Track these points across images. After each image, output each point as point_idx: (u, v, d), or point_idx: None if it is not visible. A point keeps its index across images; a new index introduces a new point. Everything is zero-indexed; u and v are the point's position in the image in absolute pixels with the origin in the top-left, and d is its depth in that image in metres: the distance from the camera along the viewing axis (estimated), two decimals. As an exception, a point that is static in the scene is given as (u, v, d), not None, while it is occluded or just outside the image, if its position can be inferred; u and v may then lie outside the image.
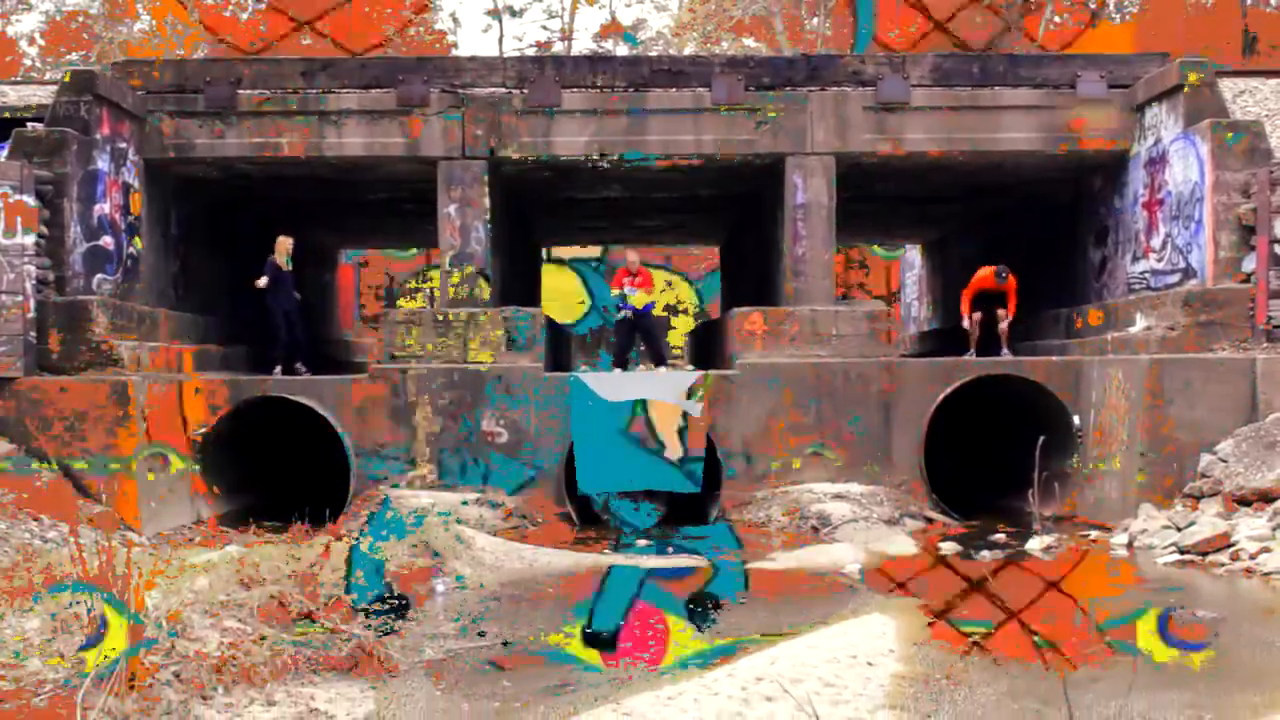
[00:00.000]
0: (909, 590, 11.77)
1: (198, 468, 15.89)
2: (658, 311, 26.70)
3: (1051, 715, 7.19)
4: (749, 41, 40.99)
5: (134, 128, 17.42)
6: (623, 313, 18.91)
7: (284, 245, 18.48)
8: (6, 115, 18.61)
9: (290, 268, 18.57)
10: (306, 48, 37.12)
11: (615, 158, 18.11)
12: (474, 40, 67.96)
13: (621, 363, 19.31)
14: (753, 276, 21.88)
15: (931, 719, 7.28)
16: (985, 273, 19.19)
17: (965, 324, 19.12)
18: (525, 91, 17.98)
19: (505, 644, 9.44)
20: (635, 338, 19.71)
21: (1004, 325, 18.84)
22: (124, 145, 17.08)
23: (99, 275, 16.17)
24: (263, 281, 18.12)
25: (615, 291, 19.06)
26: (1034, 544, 13.92)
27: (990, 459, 18.07)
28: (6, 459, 13.95)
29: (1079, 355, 17.45)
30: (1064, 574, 12.75)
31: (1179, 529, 13.20)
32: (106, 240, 16.38)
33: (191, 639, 7.64)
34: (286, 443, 17.75)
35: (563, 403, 16.56)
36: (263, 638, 8.04)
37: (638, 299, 18.78)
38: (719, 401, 16.63)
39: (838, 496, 15.71)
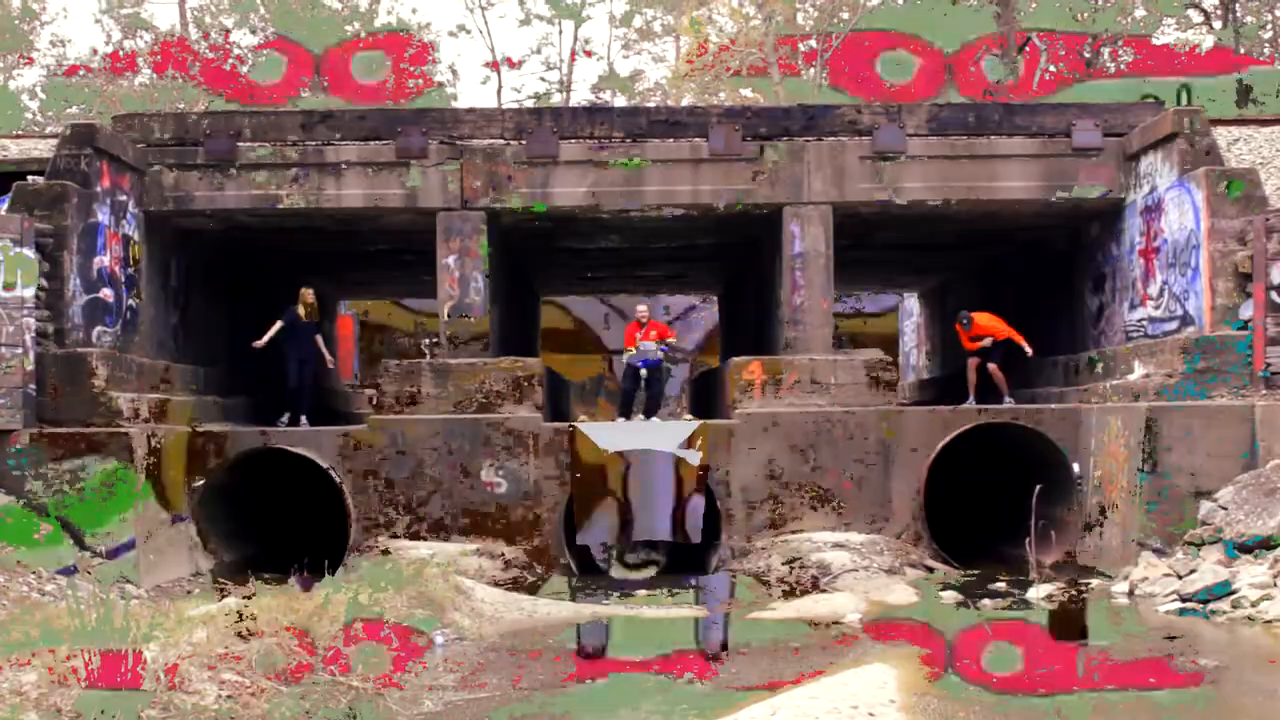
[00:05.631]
0: (910, 640, 11.72)
1: (197, 519, 15.85)
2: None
3: (1053, 765, 7.16)
4: (746, 92, 41.18)
5: (134, 180, 17.50)
6: (630, 362, 18.74)
7: (304, 297, 18.77)
8: (7, 168, 18.69)
9: (313, 319, 18.74)
10: (306, 100, 37.34)
11: (614, 208, 18.20)
12: (472, 92, 68.60)
13: (625, 414, 19.25)
14: (751, 325, 21.92)
15: (933, 770, 7.24)
16: (957, 327, 19.40)
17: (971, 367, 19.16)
18: (524, 143, 18.08)
19: (509, 698, 9.40)
20: (640, 392, 19.41)
21: (997, 372, 18.84)
22: (124, 198, 17.15)
23: (99, 327, 16.20)
24: (261, 341, 18.37)
25: (629, 349, 18.80)
26: (1034, 593, 13.88)
27: (990, 507, 18.02)
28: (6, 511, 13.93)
29: (1078, 403, 17.45)
30: (1065, 623, 12.72)
31: (1180, 577, 13.16)
32: (106, 292, 16.43)
33: (190, 692, 7.61)
34: (286, 493, 17.72)
35: (562, 453, 16.55)
36: (261, 690, 8.00)
37: (655, 352, 18.62)
38: (718, 451, 16.62)
39: (837, 545, 15.67)
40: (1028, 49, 34.44)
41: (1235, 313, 15.66)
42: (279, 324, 18.52)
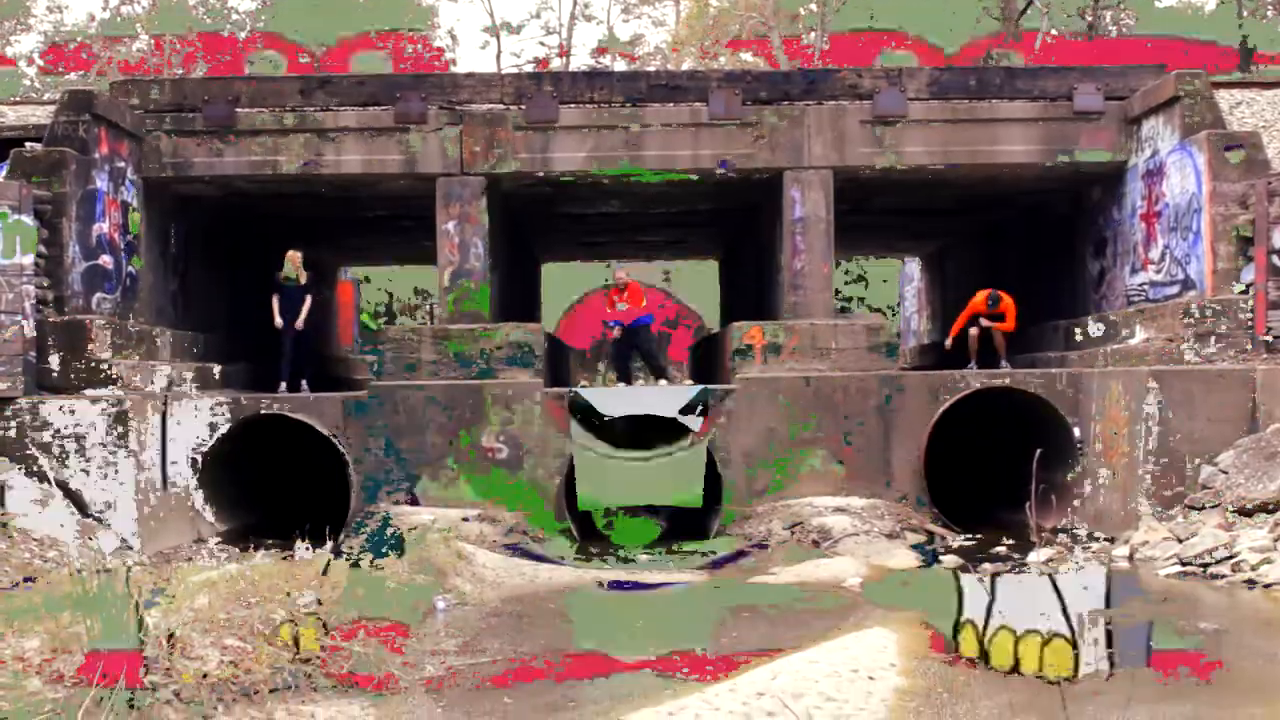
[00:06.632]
0: (910, 604, 11.73)
1: (198, 486, 15.87)
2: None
3: (1053, 728, 7.17)
4: (746, 56, 41.03)
5: (132, 147, 17.45)
6: (615, 329, 19.01)
7: (290, 259, 18.54)
8: (5, 135, 18.62)
9: (301, 282, 18.57)
10: (304, 65, 37.19)
11: (613, 173, 18.15)
12: (472, 57, 68.35)
13: (624, 378, 19.31)
14: (752, 290, 21.90)
15: (933, 733, 7.25)
16: (979, 299, 19.26)
17: (947, 344, 19.16)
18: (523, 108, 18.02)
19: (511, 661, 9.42)
20: (632, 353, 19.67)
21: (999, 339, 18.86)
22: (122, 164, 17.10)
23: (98, 294, 16.18)
24: (278, 322, 18.29)
25: (608, 310, 19.19)
26: (1035, 557, 13.90)
27: (991, 471, 18.04)
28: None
29: (1079, 367, 17.45)
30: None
31: (1180, 540, 13.18)
32: (105, 259, 16.40)
33: (191, 658, 7.63)
34: (287, 460, 17.74)
35: (562, 418, 16.55)
36: (263, 656, 8.02)
37: (626, 313, 18.85)
38: (718, 416, 16.62)
39: (838, 510, 15.68)
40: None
41: (1237, 277, 15.65)
42: (275, 306, 18.48)
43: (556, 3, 65.22)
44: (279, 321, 18.35)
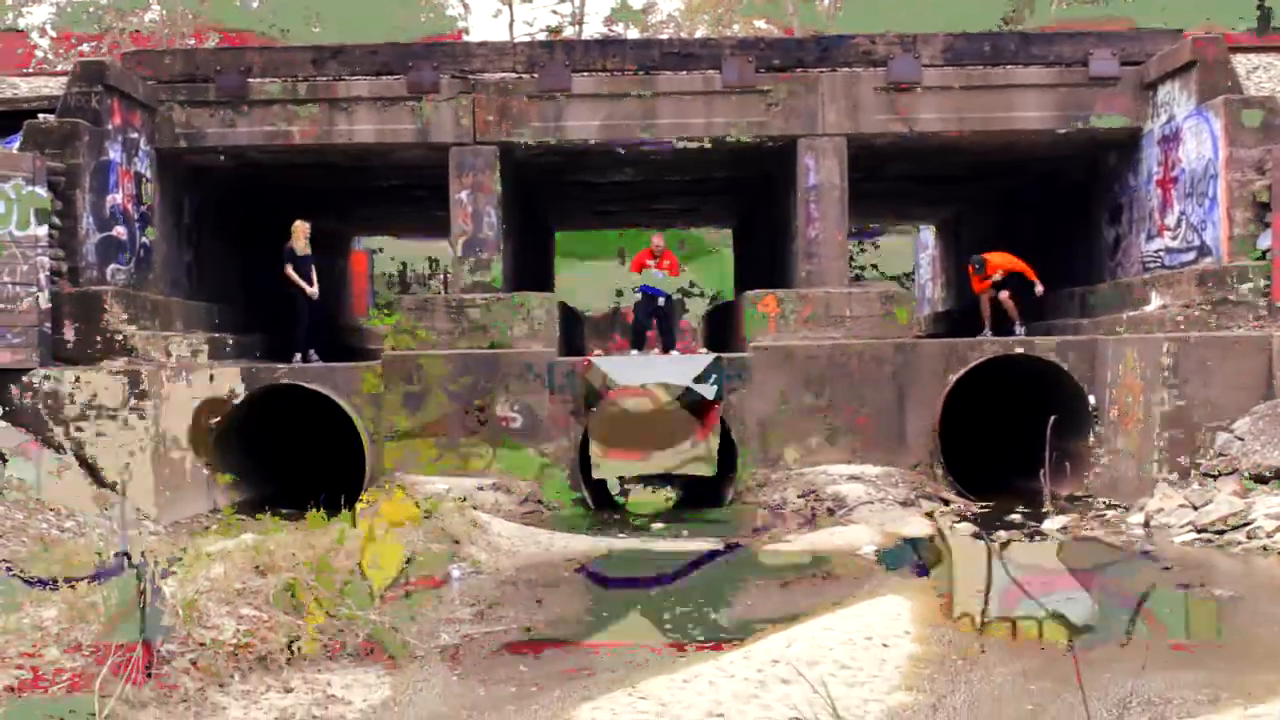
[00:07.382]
0: (924, 571, 11.74)
1: (213, 456, 15.91)
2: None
3: (1067, 695, 7.17)
4: (760, 24, 40.82)
5: (145, 118, 17.44)
6: (641, 294, 18.81)
7: (300, 230, 18.42)
8: (19, 107, 18.62)
9: (308, 252, 18.48)
10: (317, 35, 37.10)
11: (627, 141, 18.09)
12: (484, 26, 68.04)
13: (639, 345, 19.26)
14: (766, 258, 21.85)
15: (947, 700, 7.26)
16: (970, 270, 19.30)
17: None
18: (536, 76, 17.96)
19: (526, 629, 9.45)
20: (652, 322, 19.55)
21: (1011, 308, 18.79)
22: (136, 135, 17.10)
23: (112, 265, 16.21)
24: (310, 289, 18.12)
25: (635, 274, 18.93)
26: (1050, 524, 13.89)
27: (1006, 439, 18.01)
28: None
29: (1094, 334, 17.38)
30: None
31: (1195, 508, 13.15)
32: (119, 230, 16.42)
33: (208, 627, 7.66)
34: (302, 430, 17.77)
35: (577, 387, 16.54)
36: (279, 625, 8.05)
37: (667, 283, 18.71)
38: (733, 384, 16.59)
39: (852, 478, 15.67)
40: None
41: (1253, 243, 15.56)
42: (288, 265, 18.27)
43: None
44: (312, 291, 18.20)
